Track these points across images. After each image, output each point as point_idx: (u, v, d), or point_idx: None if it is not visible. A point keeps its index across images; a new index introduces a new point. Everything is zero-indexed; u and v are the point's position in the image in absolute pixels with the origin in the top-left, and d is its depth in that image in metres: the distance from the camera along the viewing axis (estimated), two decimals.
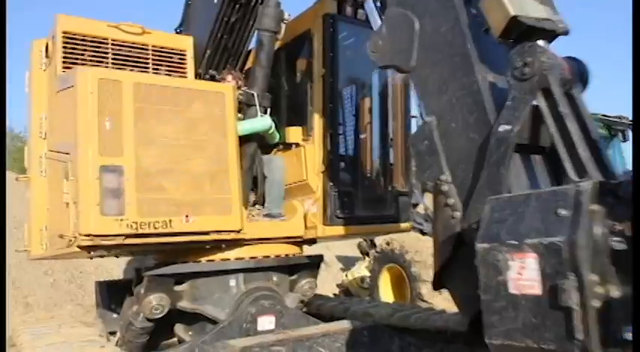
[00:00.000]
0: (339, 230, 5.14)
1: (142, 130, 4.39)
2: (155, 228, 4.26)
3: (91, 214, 4.05)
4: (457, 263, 2.53)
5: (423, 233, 10.55)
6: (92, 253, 4.55)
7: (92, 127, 4.15)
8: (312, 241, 5.48)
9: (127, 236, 4.17)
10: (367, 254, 11.95)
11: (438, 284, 2.74)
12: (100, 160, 4.15)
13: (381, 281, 10.36)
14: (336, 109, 5.12)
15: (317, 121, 5.20)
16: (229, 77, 5.54)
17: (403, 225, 5.62)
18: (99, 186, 4.09)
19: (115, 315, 5.82)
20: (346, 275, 12.00)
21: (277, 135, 5.60)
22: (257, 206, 5.52)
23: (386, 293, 10.29)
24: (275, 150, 5.71)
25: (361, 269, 11.73)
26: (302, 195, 5.29)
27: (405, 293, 9.70)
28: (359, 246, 12.32)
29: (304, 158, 5.23)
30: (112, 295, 6.05)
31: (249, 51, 5.68)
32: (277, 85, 5.72)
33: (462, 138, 2.55)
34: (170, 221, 4.34)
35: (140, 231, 4.19)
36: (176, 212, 4.40)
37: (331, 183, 5.05)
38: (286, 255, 5.22)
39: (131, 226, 4.16)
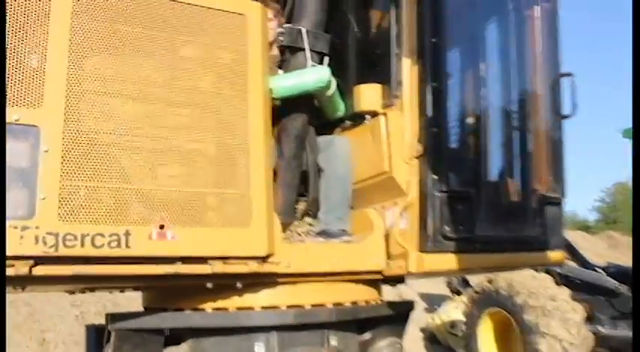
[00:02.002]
0: (448, 261, 2.88)
1: (85, 66, 2.38)
2: (95, 247, 2.19)
3: None
4: None
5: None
6: None
7: None
8: (397, 279, 3.24)
9: (39, 260, 2.12)
10: (458, 292, 10.10)
11: None
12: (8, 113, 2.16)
13: (481, 330, 8.11)
14: (441, 51, 2.91)
15: (408, 73, 3.02)
16: (269, 12, 3.47)
17: (553, 255, 3.28)
18: None
19: None
20: (432, 318, 10.02)
21: (341, 105, 3.46)
22: (307, 218, 3.37)
23: (487, 345, 8.10)
24: (338, 129, 3.56)
25: (451, 311, 9.67)
26: (382, 198, 3.10)
27: (515, 348, 7.42)
28: (448, 281, 10.40)
29: (386, 136, 3.05)
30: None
31: None
32: (341, 24, 3.60)
33: None
34: (127, 235, 2.26)
35: (63, 252, 2.14)
36: (142, 218, 2.33)
37: (434, 178, 2.82)
38: (354, 302, 3.00)
39: (45, 242, 2.12)
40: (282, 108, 3.29)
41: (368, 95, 3.19)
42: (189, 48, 2.67)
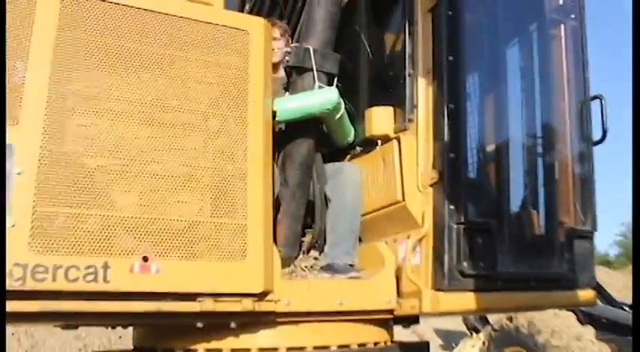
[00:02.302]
0: (466, 301, 2.58)
1: (70, 82, 2.19)
2: (69, 281, 1.95)
3: None
4: None
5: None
6: None
7: None
8: (410, 319, 2.95)
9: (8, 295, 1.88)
10: (476, 329, 9.55)
11: None
12: None
13: None
14: (458, 70, 2.67)
15: (423, 94, 2.79)
16: (275, 31, 3.29)
17: (584, 294, 2.97)
18: None
19: None
20: None
21: (350, 130, 3.23)
22: (313, 252, 3.11)
23: None
24: (348, 156, 3.32)
25: (468, 350, 9.23)
26: (394, 230, 2.84)
27: None
28: (464, 318, 9.74)
29: (398, 162, 2.80)
30: None
31: None
32: (352, 44, 3.39)
33: None
34: (106, 268, 2.02)
35: (32, 286, 1.90)
36: (123, 249, 2.09)
37: (451, 207, 2.55)
38: (362, 344, 2.71)
39: (12, 274, 1.88)
40: (287, 133, 3.07)
41: (380, 118, 2.95)
42: (184, 65, 2.47)
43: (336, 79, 3.06)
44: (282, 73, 3.33)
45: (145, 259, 2.11)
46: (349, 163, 3.17)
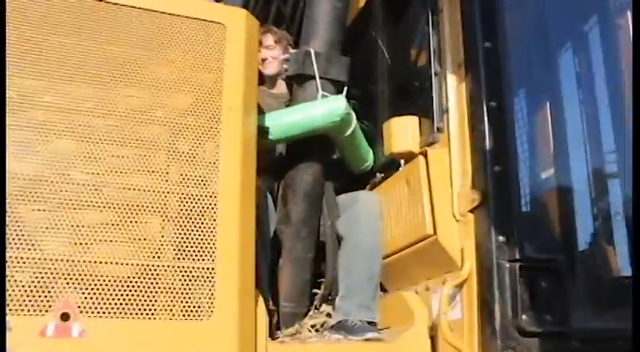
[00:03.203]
0: None
1: None
2: None
3: None
4: None
5: None
6: None
7: None
8: None
9: None
10: None
11: None
12: None
13: None
14: (498, 57, 2.02)
15: (455, 95, 2.15)
16: (268, 38, 2.77)
17: None
18: None
19: None
20: None
21: (368, 152, 2.62)
22: (326, 306, 2.43)
23: None
24: (368, 187, 2.68)
25: None
26: (425, 274, 2.15)
27: None
28: None
29: (427, 184, 2.13)
30: None
31: None
32: (369, 51, 2.82)
33: None
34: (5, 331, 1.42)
35: None
36: (33, 303, 1.49)
37: (501, 239, 1.85)
38: None
39: None
40: (288, 156, 2.48)
41: (401, 131, 2.32)
42: (140, 67, 1.92)
43: (345, 88, 2.48)
44: (282, 87, 2.77)
45: (65, 317, 1.50)
46: (365, 192, 2.52)
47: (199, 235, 1.77)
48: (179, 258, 1.74)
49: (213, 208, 1.81)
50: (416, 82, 2.40)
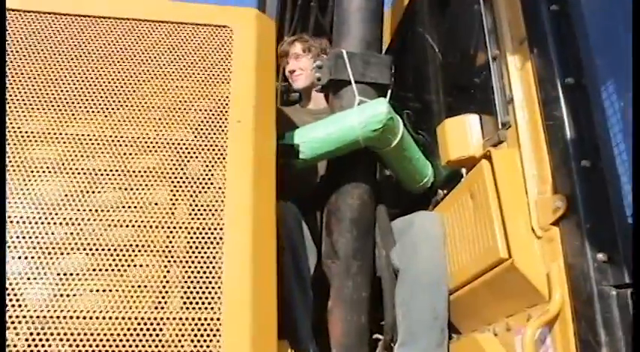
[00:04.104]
0: None
1: None
2: None
3: None
4: None
5: None
6: None
7: None
8: None
9: None
10: None
11: None
12: None
13: None
14: (570, 22, 1.56)
15: (519, 80, 1.70)
16: (296, 46, 2.45)
17: None
18: None
19: None
20: None
21: (424, 165, 2.20)
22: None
23: None
24: (431, 207, 2.23)
25: None
26: (503, 310, 1.66)
27: None
28: None
29: (495, 194, 1.67)
30: None
31: None
32: (419, 52, 2.43)
33: None
34: None
35: None
36: None
37: (601, 258, 1.35)
38: None
39: None
40: (330, 178, 2.11)
41: (457, 134, 1.89)
42: (129, 82, 1.65)
43: (389, 92, 2.10)
44: (320, 102, 2.43)
45: None
46: (423, 212, 2.07)
47: (204, 278, 1.42)
48: (187, 308, 1.41)
49: (219, 243, 1.46)
50: (472, 73, 1.97)
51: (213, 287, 1.40)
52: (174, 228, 1.49)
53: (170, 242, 1.48)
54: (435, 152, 2.12)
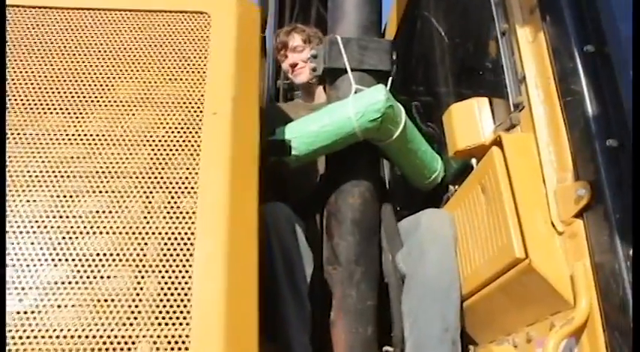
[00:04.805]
0: None
1: None
2: None
3: None
4: None
5: None
6: None
7: None
8: None
9: None
10: None
11: None
12: None
13: None
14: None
15: (531, 57, 1.49)
16: (294, 38, 2.28)
17: None
18: None
19: None
20: None
21: (433, 160, 1.98)
22: None
23: None
24: (442, 205, 2.02)
25: None
26: (522, 317, 1.44)
27: None
28: None
29: (507, 185, 1.46)
30: None
31: None
32: (424, 39, 2.24)
33: None
34: None
35: None
36: None
37: (630, 253, 1.13)
38: None
39: None
40: (329, 176, 1.93)
41: (464, 120, 1.68)
42: (95, 76, 1.50)
43: (390, 80, 1.90)
44: (322, 97, 2.25)
45: None
46: (431, 210, 1.86)
47: (173, 292, 1.25)
48: (159, 325, 1.23)
49: (189, 250, 1.29)
50: (480, 54, 1.77)
51: (182, 301, 1.23)
52: (147, 234, 1.33)
53: (142, 250, 1.32)
54: (443, 143, 1.92)
